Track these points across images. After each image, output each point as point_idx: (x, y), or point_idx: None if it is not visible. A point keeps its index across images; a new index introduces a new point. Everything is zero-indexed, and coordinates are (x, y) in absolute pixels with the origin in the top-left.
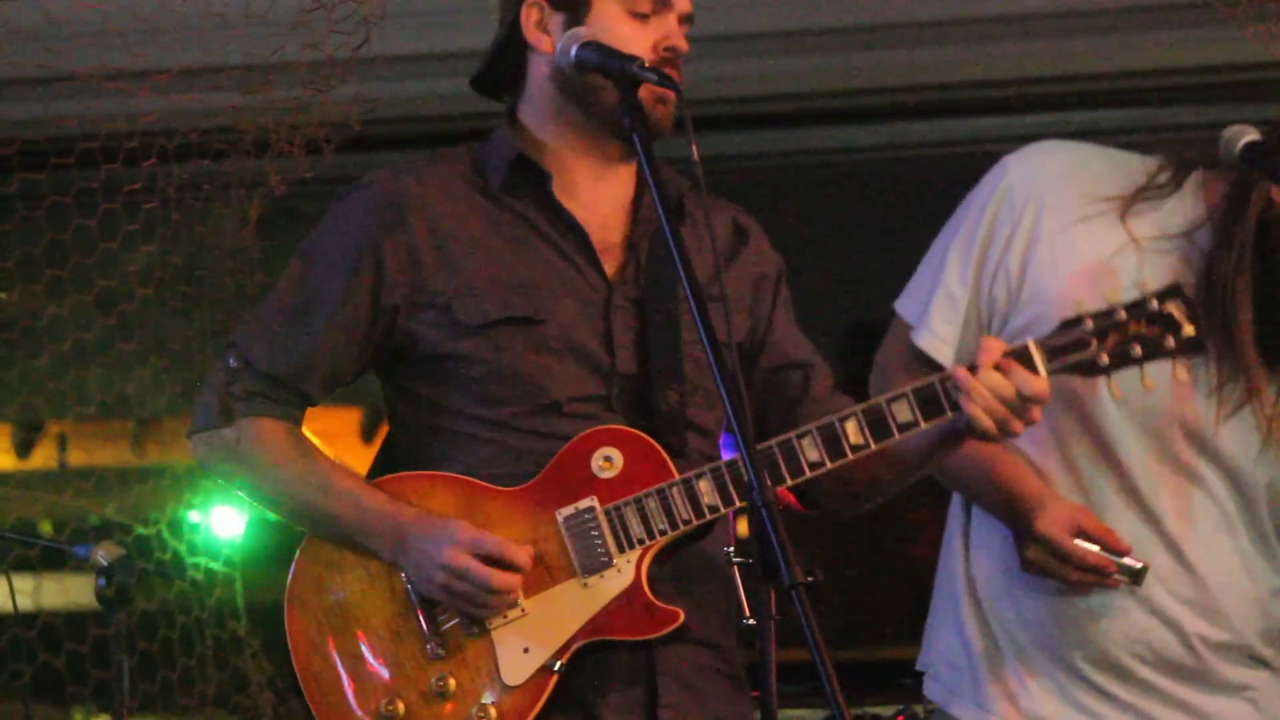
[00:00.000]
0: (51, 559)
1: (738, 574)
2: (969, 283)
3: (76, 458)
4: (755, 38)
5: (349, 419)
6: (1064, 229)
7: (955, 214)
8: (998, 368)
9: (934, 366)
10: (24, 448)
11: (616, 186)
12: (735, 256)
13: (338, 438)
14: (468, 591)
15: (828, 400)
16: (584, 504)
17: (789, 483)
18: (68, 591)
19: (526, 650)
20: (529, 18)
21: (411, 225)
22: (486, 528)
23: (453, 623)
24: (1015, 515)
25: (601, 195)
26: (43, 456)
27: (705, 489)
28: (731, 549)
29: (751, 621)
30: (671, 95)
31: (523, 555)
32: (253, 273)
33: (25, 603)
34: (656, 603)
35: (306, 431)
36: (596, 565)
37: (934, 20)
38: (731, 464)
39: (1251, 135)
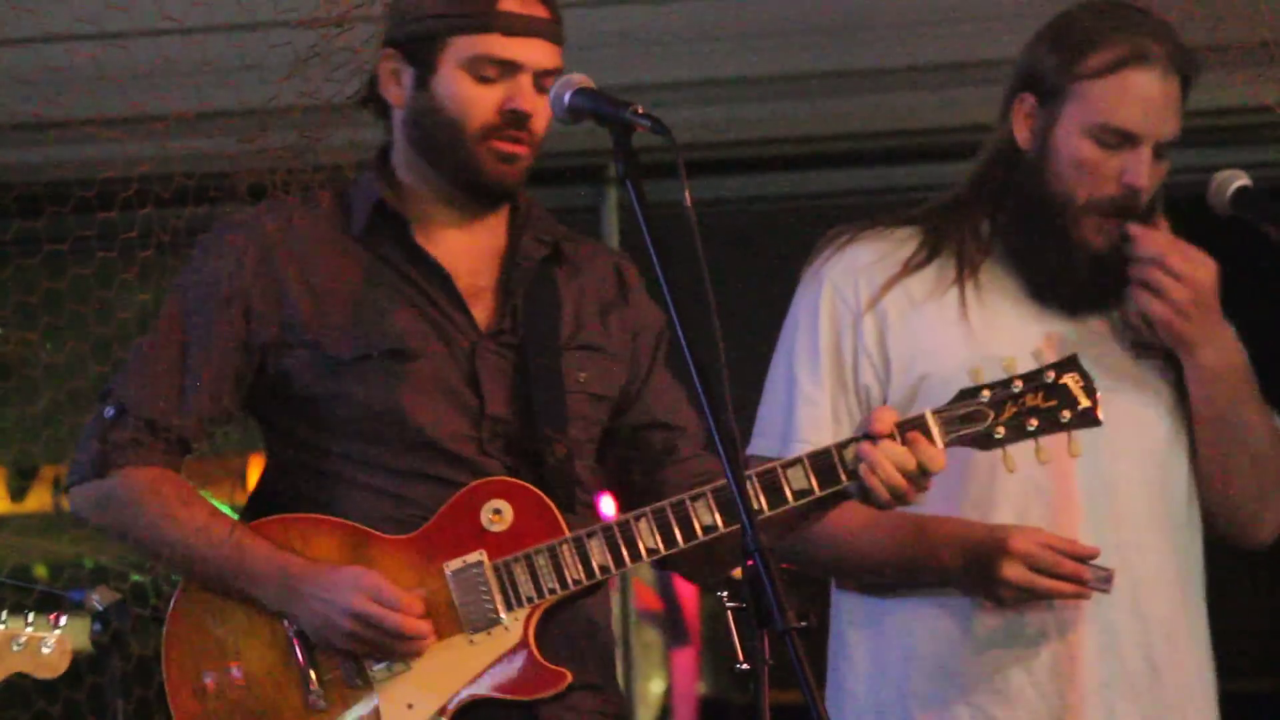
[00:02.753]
0: (46, 604)
1: (731, 619)
2: (826, 385)
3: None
4: (752, 82)
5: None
6: (913, 306)
7: (781, 344)
8: (894, 437)
9: None
10: (19, 493)
11: (483, 233)
12: (616, 305)
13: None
14: (375, 638)
15: (693, 461)
16: (472, 558)
17: (663, 552)
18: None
19: (410, 706)
20: (385, 69)
21: (278, 264)
22: None
23: (334, 673)
24: (977, 553)
25: (468, 242)
26: (38, 500)
27: (596, 548)
28: (725, 594)
29: (745, 666)
30: (521, 152)
31: (418, 605)
32: None
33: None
34: (544, 663)
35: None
36: (484, 622)
37: (939, 64)
38: (623, 524)
39: (1242, 180)
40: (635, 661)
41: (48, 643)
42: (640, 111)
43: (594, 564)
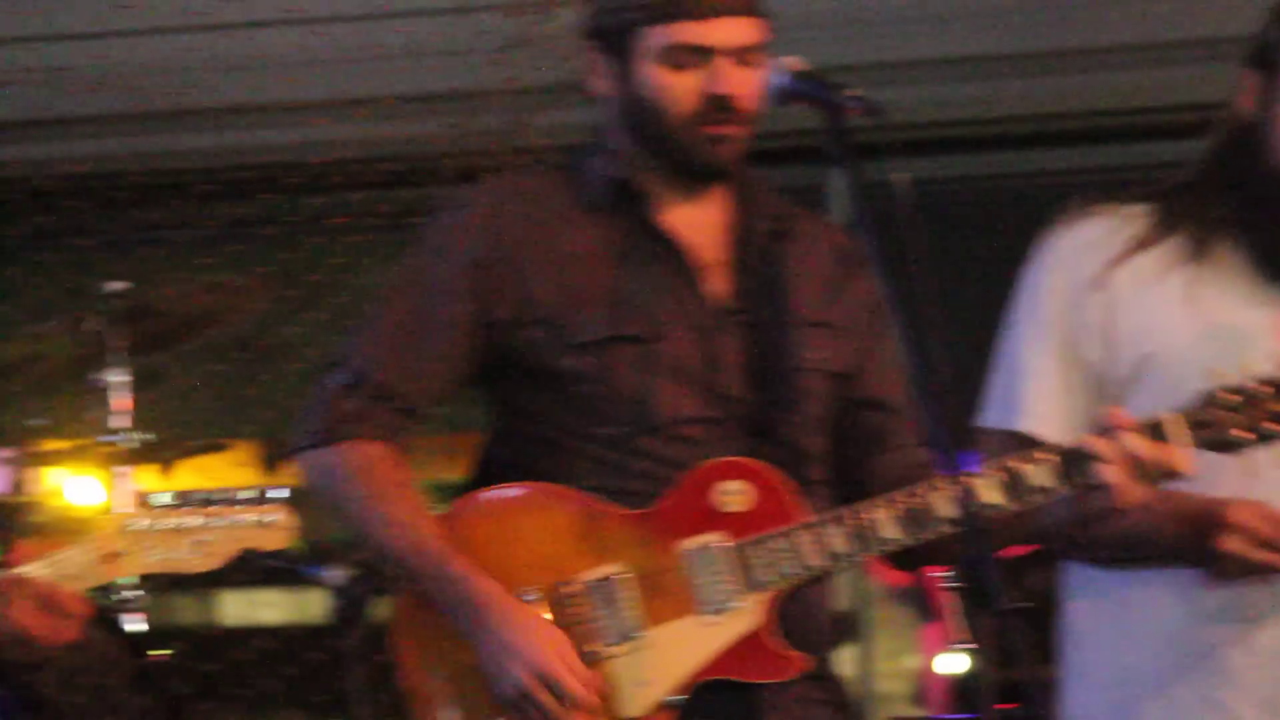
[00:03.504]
0: (291, 575)
1: (954, 598)
2: (1053, 359)
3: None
4: (978, 60)
5: None
6: (1141, 284)
7: (1010, 318)
8: (1143, 435)
9: None
10: (271, 464)
11: (711, 208)
12: (844, 280)
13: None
14: (545, 700)
15: (905, 451)
16: (710, 538)
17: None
18: (308, 606)
19: (643, 683)
20: (587, 61)
21: (514, 238)
22: (603, 552)
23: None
24: (1197, 525)
25: (697, 217)
26: (289, 473)
27: (837, 535)
28: (948, 574)
29: (967, 645)
30: (730, 132)
31: (596, 681)
32: None
33: (269, 616)
34: (779, 648)
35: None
36: (719, 604)
37: (1171, 41)
38: (863, 512)
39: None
40: (876, 638)
41: (266, 518)
42: (853, 94)
43: (834, 551)
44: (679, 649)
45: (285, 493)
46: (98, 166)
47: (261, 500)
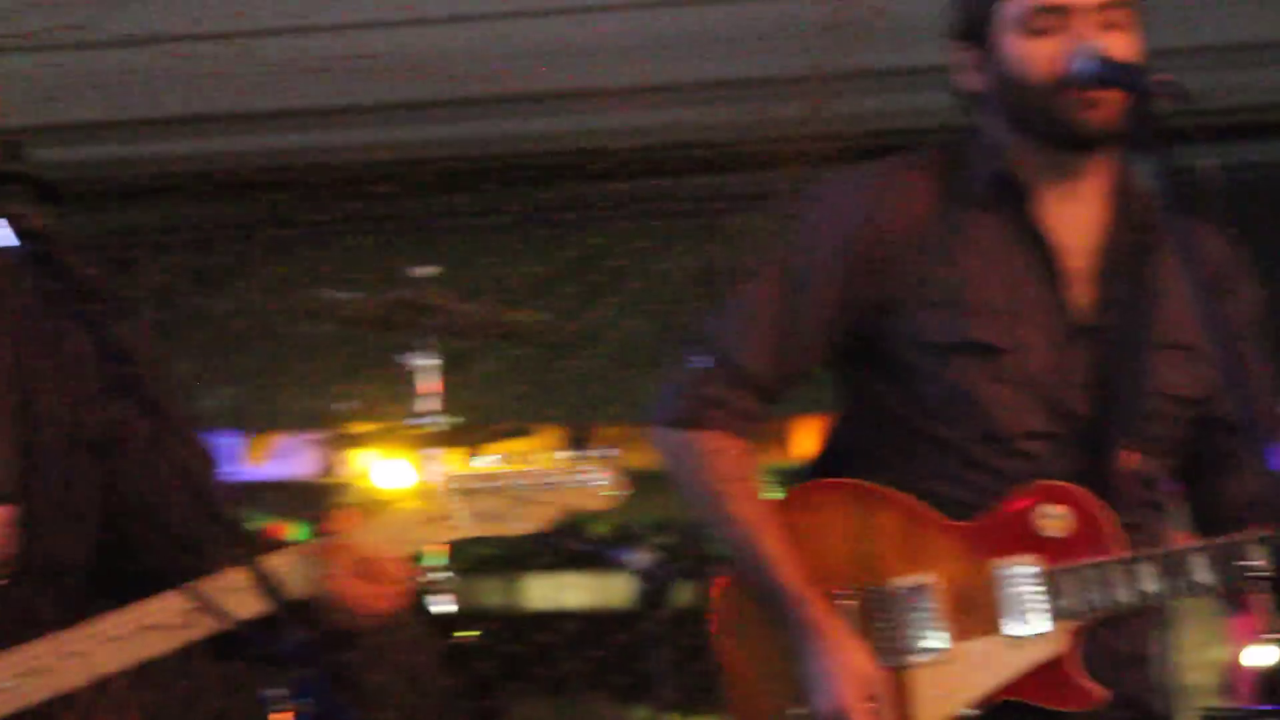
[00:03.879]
0: (596, 559)
1: (1260, 592)
2: None
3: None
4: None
5: None
6: None
7: None
8: None
9: None
10: (576, 449)
11: (1086, 208)
12: (1219, 296)
13: None
14: None
15: (1254, 479)
16: (1024, 561)
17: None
18: (611, 590)
19: (942, 694)
20: (955, 62)
21: (884, 226)
22: (919, 559)
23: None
24: None
25: (1072, 215)
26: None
27: (1148, 575)
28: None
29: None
30: (1102, 95)
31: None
32: None
33: (573, 600)
34: (1082, 678)
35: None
36: (1027, 627)
37: None
38: (1179, 555)
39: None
40: (1183, 630)
41: (584, 476)
42: (1161, 78)
43: (1144, 589)
44: (980, 666)
45: (612, 452)
46: (409, 152)
47: (586, 460)
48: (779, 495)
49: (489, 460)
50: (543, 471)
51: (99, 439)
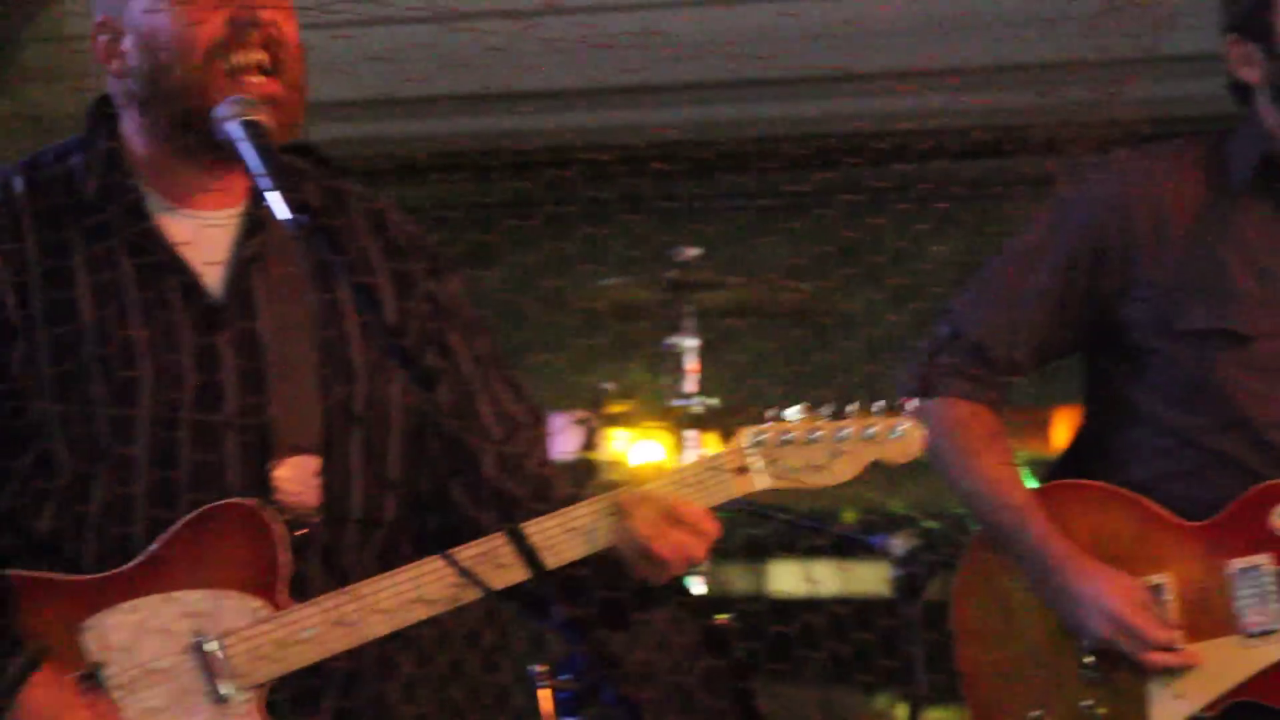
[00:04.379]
0: (845, 547)
1: None
2: None
3: None
4: None
5: None
6: None
7: None
8: None
9: None
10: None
11: None
12: None
13: None
14: (1127, 643)
15: None
16: (1260, 560)
17: None
18: (859, 579)
19: (1178, 696)
20: (1234, 55)
21: (1137, 213)
22: (1154, 560)
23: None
24: None
25: None
26: None
27: None
28: None
29: None
30: None
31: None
32: None
33: (826, 587)
34: None
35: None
36: (1265, 626)
37: None
38: None
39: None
40: None
41: (899, 428)
42: None
43: None
44: (1216, 667)
45: (913, 404)
46: (686, 133)
47: (895, 411)
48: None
49: (792, 413)
50: (849, 424)
51: (411, 395)
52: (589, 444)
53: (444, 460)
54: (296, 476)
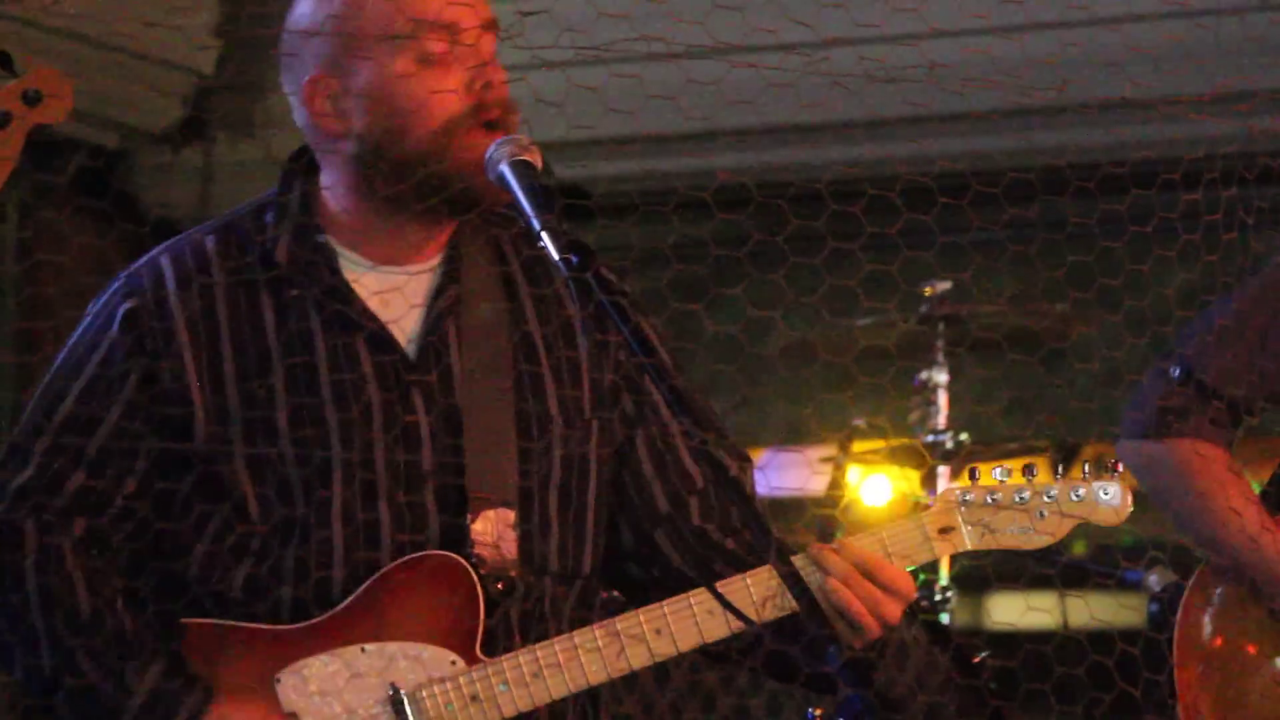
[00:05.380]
0: (1076, 577)
1: None
2: None
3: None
4: None
5: None
6: None
7: None
8: None
9: None
10: (1064, 468)
11: None
12: None
13: None
14: None
15: None
16: None
17: None
18: (1076, 611)
19: None
20: None
21: None
22: None
23: None
24: None
25: None
26: (1079, 476)
27: None
28: None
29: None
30: None
31: None
32: None
33: (1045, 619)
34: None
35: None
36: None
37: None
38: None
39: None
40: None
41: (1107, 491)
42: None
43: None
44: None
45: (1120, 468)
46: (972, 164)
47: (1101, 475)
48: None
49: (998, 474)
50: (1056, 485)
51: (608, 445)
52: (834, 482)
53: (647, 508)
54: (493, 529)
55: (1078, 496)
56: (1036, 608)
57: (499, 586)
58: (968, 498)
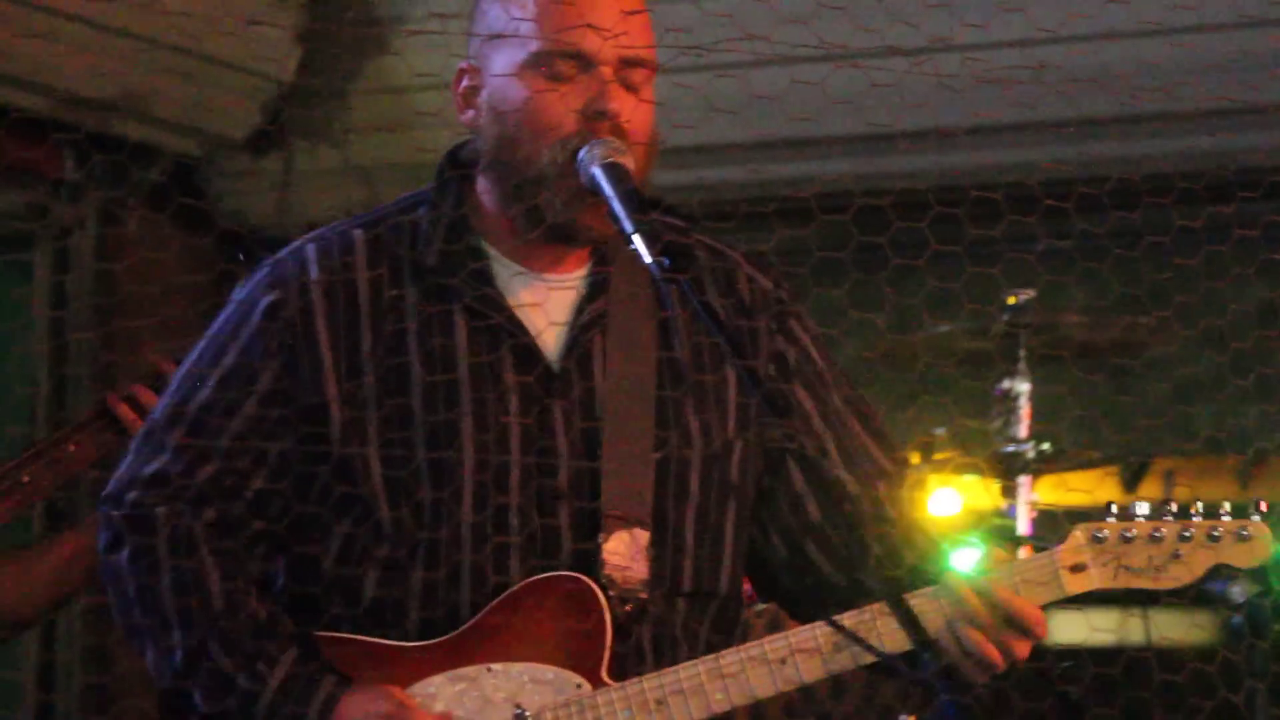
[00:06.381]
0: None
1: None
2: None
3: (1182, 493)
4: None
5: None
6: None
7: None
8: None
9: None
10: (1132, 481)
11: None
12: None
13: None
14: None
15: None
16: None
17: None
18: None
19: None
20: None
21: None
22: None
23: None
24: None
25: None
26: (1150, 490)
27: None
28: None
29: None
30: None
31: None
32: None
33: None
34: None
35: None
36: None
37: None
38: None
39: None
40: None
41: (1245, 531)
42: None
43: None
44: None
45: (1264, 507)
46: (1081, 169)
47: (1242, 514)
48: None
49: (1136, 510)
50: (1193, 525)
51: (752, 465)
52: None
53: (798, 519)
54: (626, 550)
55: (1215, 536)
56: (1100, 628)
57: (627, 609)
58: (1100, 535)
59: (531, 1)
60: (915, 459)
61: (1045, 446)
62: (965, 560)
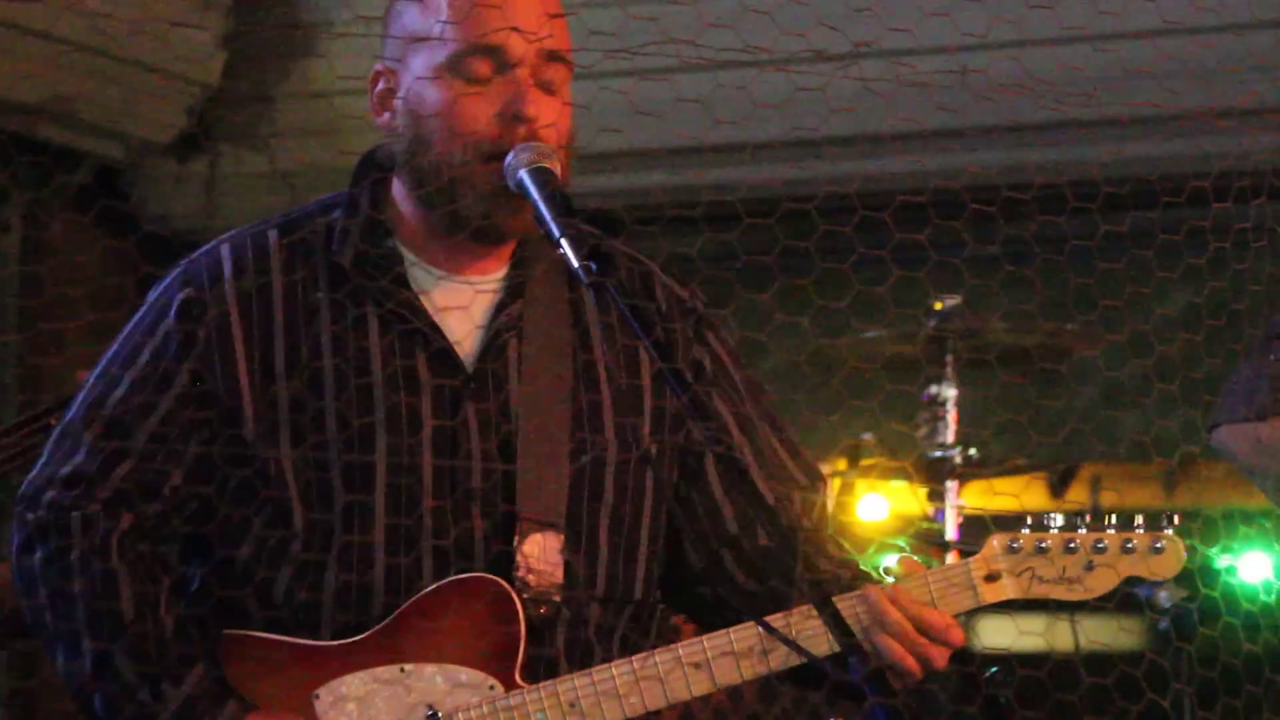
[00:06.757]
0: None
1: None
2: None
3: (1108, 498)
4: None
5: None
6: None
7: None
8: None
9: None
10: (1059, 487)
11: None
12: None
13: None
14: None
15: None
16: None
17: None
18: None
19: None
20: None
21: None
22: None
23: None
24: None
25: None
26: (1077, 496)
27: None
28: None
29: None
30: None
31: None
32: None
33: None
34: None
35: None
36: None
37: None
38: None
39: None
40: None
41: (1159, 543)
42: None
43: None
44: None
45: (1176, 519)
46: (1004, 176)
47: (1160, 524)
48: None
49: (1050, 521)
50: (1107, 536)
51: (666, 464)
52: (838, 501)
53: (714, 528)
54: (541, 553)
55: (1128, 548)
56: (1028, 632)
57: (542, 611)
58: (1015, 545)
59: (445, 2)
60: (842, 464)
61: (972, 452)
62: (881, 569)
